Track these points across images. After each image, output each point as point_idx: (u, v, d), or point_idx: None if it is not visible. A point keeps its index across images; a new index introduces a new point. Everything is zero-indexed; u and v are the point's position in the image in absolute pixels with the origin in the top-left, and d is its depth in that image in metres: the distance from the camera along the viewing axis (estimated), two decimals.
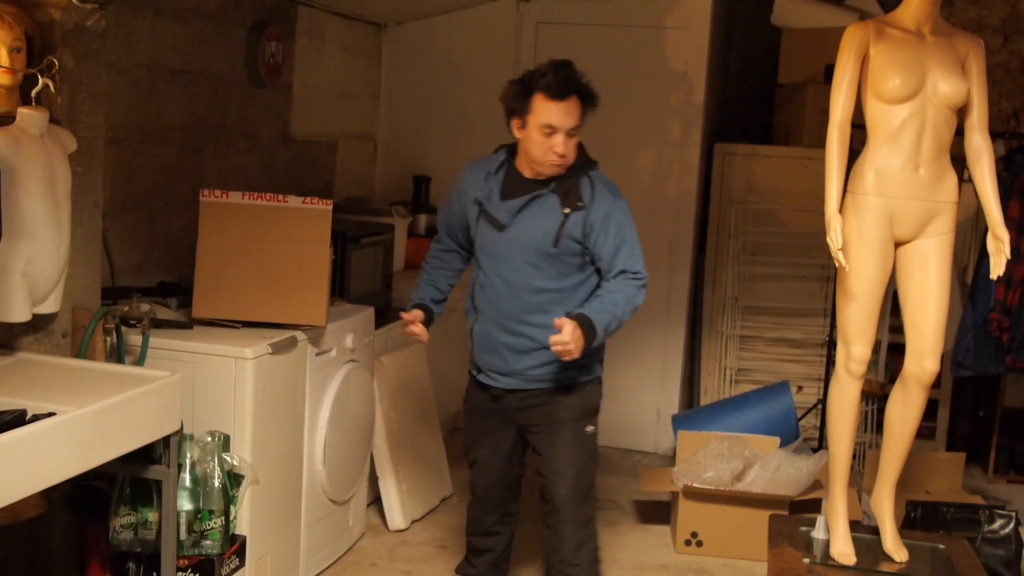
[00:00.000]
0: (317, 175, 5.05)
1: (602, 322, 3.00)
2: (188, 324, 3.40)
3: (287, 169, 4.74)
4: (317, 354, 3.61)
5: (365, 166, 5.63)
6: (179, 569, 3.05)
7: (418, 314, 3.26)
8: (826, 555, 3.25)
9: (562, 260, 3.10)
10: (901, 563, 3.24)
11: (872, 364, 3.54)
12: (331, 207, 3.50)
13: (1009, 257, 3.11)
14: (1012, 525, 3.94)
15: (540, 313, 3.11)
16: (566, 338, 2.91)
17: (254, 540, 3.32)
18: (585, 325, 2.96)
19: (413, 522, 4.31)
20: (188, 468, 3.07)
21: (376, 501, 4.31)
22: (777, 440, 4.52)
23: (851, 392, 3.26)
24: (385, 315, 4.38)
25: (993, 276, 3.14)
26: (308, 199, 3.49)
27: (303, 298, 3.48)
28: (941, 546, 3.38)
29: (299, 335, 3.49)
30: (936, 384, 3.38)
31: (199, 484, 3.09)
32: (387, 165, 5.71)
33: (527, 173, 3.13)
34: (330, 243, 3.51)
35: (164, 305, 3.53)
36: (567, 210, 3.07)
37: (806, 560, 3.21)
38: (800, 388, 5.41)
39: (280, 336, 3.39)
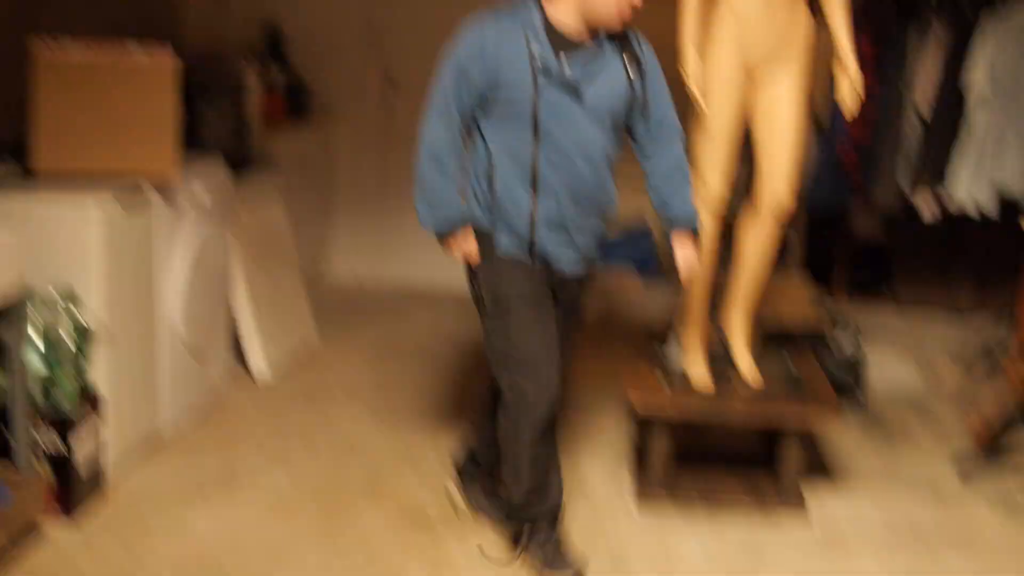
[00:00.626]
0: (163, 21, 4.78)
1: (692, 209, 2.99)
2: (27, 179, 3.23)
3: (129, 13, 4.46)
4: (167, 205, 3.49)
5: (215, 15, 5.35)
6: (34, 428, 2.98)
7: (471, 240, 2.85)
8: (678, 368, 3.44)
9: (620, 123, 2.84)
10: (754, 384, 3.38)
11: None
12: (177, 58, 3.35)
13: (860, 94, 3.17)
14: (855, 341, 4.19)
15: (606, 183, 2.85)
16: (693, 261, 3.00)
17: (112, 398, 3.25)
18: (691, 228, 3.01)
19: (279, 375, 4.29)
20: (37, 327, 2.97)
21: (240, 357, 4.26)
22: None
23: (707, 228, 3.30)
24: (242, 169, 4.24)
25: (845, 109, 3.20)
26: (152, 51, 3.32)
27: (150, 148, 3.35)
28: (792, 368, 3.53)
29: (145, 184, 3.36)
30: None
31: (50, 344, 3.00)
32: (239, 14, 5.45)
33: (569, 30, 2.73)
34: (177, 94, 3.36)
35: None
36: (629, 67, 2.79)
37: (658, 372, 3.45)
38: None
39: (125, 185, 3.26)
